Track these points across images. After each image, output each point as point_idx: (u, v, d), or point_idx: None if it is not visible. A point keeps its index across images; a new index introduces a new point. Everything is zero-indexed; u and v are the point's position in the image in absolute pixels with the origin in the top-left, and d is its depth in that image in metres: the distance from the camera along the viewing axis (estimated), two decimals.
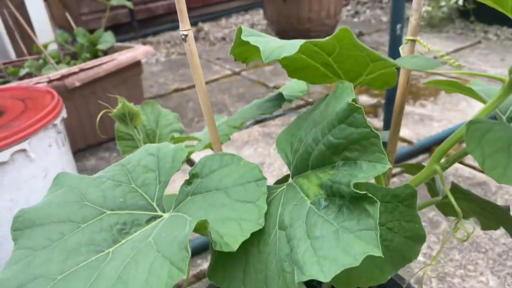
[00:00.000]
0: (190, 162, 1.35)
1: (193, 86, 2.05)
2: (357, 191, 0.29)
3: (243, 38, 0.40)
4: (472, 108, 1.56)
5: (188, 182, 0.41)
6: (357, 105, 0.30)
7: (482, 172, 1.17)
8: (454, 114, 1.51)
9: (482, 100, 0.45)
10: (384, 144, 0.56)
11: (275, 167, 1.32)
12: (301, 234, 0.31)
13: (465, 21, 2.59)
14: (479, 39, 2.25)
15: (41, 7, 1.92)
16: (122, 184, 0.43)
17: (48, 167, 0.96)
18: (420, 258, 0.92)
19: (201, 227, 0.31)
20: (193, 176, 0.41)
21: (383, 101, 1.68)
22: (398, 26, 1.02)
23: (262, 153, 1.42)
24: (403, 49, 0.44)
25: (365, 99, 1.72)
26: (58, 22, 3.27)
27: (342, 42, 0.37)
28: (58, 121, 0.99)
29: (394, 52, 1.09)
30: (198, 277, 0.96)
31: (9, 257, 0.37)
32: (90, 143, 1.53)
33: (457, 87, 0.45)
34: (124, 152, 0.67)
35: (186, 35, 0.41)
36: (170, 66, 2.36)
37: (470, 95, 0.46)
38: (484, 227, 0.56)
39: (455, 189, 0.51)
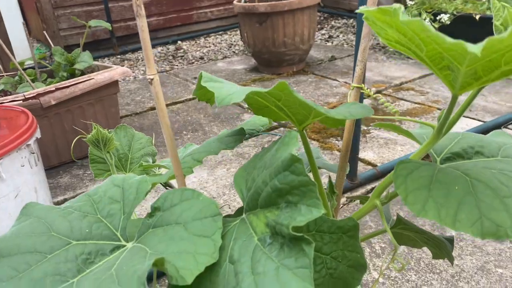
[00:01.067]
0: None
1: (170, 105, 2.08)
2: (295, 233, 0.33)
3: (202, 83, 0.44)
4: None
5: (150, 215, 0.44)
6: (298, 156, 0.34)
7: None
8: None
9: (419, 142, 0.50)
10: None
11: None
12: (246, 269, 0.35)
13: None
14: None
15: (19, 25, 1.92)
16: (89, 215, 0.46)
17: (19, 187, 0.97)
18: (380, 278, 0.97)
19: (159, 263, 0.35)
20: (155, 210, 0.44)
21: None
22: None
23: (234, 173, 1.45)
24: (350, 95, 0.49)
25: None
26: (36, 36, 3.25)
27: (284, 92, 0.42)
28: (31, 141, 1.00)
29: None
30: None
31: None
32: (64, 160, 1.53)
33: (398, 129, 0.50)
34: (96, 175, 0.69)
35: (152, 79, 0.45)
36: (147, 84, 2.39)
37: (409, 137, 0.51)
38: (434, 256, 0.61)
39: (399, 221, 0.56)
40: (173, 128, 1.81)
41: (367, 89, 0.48)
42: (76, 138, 0.69)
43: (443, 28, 2.33)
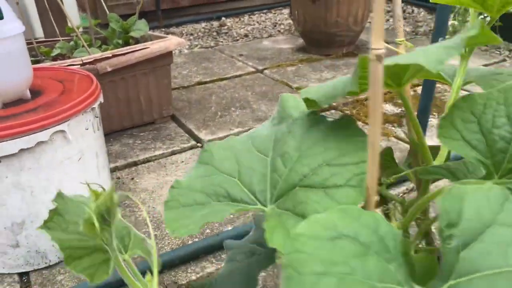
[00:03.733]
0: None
1: (217, 80, 2.05)
2: None
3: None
4: None
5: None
6: None
7: None
8: None
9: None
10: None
11: None
12: None
13: None
14: (503, 57, 2.24)
15: None
16: None
17: (83, 150, 0.97)
18: None
19: None
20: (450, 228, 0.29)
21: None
22: (440, 39, 1.02)
23: None
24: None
25: (389, 108, 1.72)
26: (81, 6, 3.27)
27: None
28: (96, 105, 0.99)
29: None
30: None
31: None
32: (114, 128, 1.53)
33: None
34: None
35: (380, 56, 0.32)
36: (193, 59, 2.37)
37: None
38: None
39: None
40: (221, 104, 1.79)
41: None
42: None
43: None
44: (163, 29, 2.95)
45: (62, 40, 1.56)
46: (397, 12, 0.68)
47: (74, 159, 0.95)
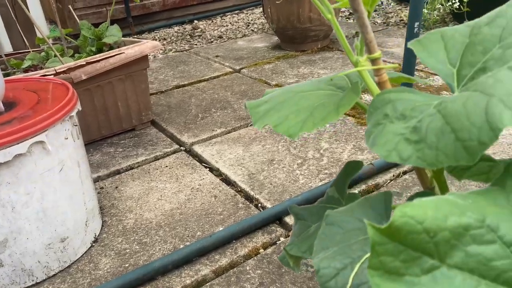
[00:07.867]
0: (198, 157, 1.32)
1: (195, 83, 2.03)
2: None
3: None
4: None
5: None
6: None
7: None
8: None
9: None
10: None
11: (285, 164, 1.32)
12: None
13: (458, 24, 2.64)
14: None
15: (37, 3, 1.88)
16: None
17: (64, 160, 0.93)
18: None
19: None
20: None
21: None
22: (416, 24, 1.04)
23: (271, 149, 1.41)
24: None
25: None
26: (49, 16, 3.19)
27: None
28: (74, 113, 0.96)
29: (409, 50, 1.10)
30: (217, 273, 0.94)
31: None
32: (93, 138, 1.50)
33: None
34: None
35: None
36: (168, 63, 2.34)
37: None
38: None
39: None
40: (201, 106, 1.77)
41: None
42: None
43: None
44: (135, 36, 2.90)
45: (33, 51, 1.51)
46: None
47: (55, 170, 0.92)
